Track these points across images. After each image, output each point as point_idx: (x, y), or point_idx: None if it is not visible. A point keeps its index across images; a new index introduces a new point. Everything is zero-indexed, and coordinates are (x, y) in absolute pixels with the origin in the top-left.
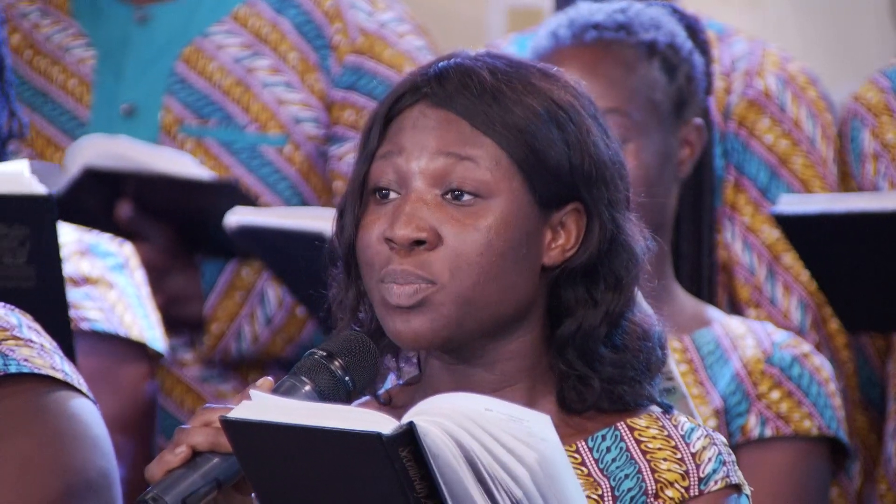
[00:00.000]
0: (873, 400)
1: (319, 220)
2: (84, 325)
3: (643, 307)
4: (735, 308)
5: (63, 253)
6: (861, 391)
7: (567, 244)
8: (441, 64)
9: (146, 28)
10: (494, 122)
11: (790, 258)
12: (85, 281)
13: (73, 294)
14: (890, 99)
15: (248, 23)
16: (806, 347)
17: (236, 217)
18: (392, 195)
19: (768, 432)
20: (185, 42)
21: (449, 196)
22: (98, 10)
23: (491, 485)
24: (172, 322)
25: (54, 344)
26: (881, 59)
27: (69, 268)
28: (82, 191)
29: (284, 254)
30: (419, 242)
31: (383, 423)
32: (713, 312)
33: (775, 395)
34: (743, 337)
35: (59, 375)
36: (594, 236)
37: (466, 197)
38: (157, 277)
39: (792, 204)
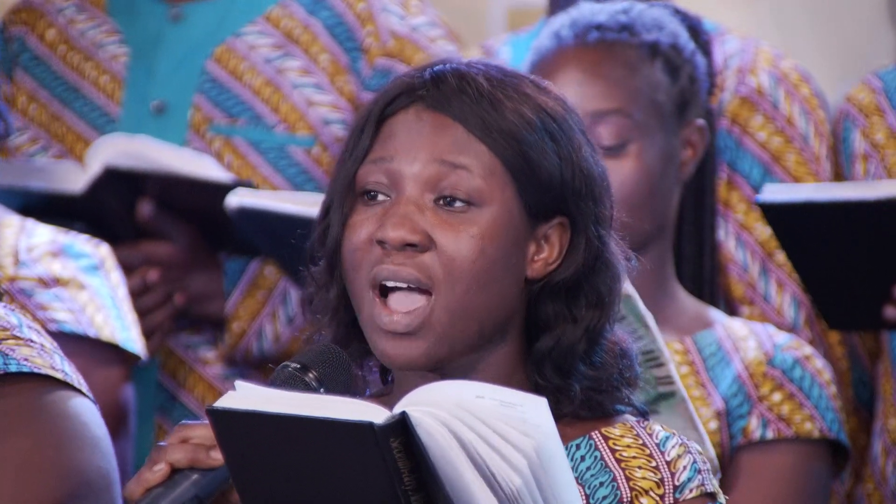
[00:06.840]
0: (863, 399)
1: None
2: (52, 327)
3: (616, 329)
4: (729, 305)
5: (34, 254)
6: (852, 390)
7: (550, 258)
8: (437, 67)
9: (179, 26)
10: (490, 129)
11: (784, 255)
12: (55, 282)
13: (42, 295)
14: (881, 100)
15: (281, 24)
16: (808, 350)
17: (237, 198)
18: (381, 197)
19: (770, 434)
20: (218, 41)
21: (441, 202)
22: (133, 7)
23: (488, 474)
24: (195, 320)
25: (55, 344)
26: (879, 60)
27: (40, 269)
28: (103, 190)
29: (283, 238)
30: (412, 245)
31: (374, 413)
32: (715, 314)
33: (777, 397)
34: (745, 339)
35: (58, 375)
36: (579, 252)
37: (459, 204)
38: (180, 275)
39: (776, 193)
